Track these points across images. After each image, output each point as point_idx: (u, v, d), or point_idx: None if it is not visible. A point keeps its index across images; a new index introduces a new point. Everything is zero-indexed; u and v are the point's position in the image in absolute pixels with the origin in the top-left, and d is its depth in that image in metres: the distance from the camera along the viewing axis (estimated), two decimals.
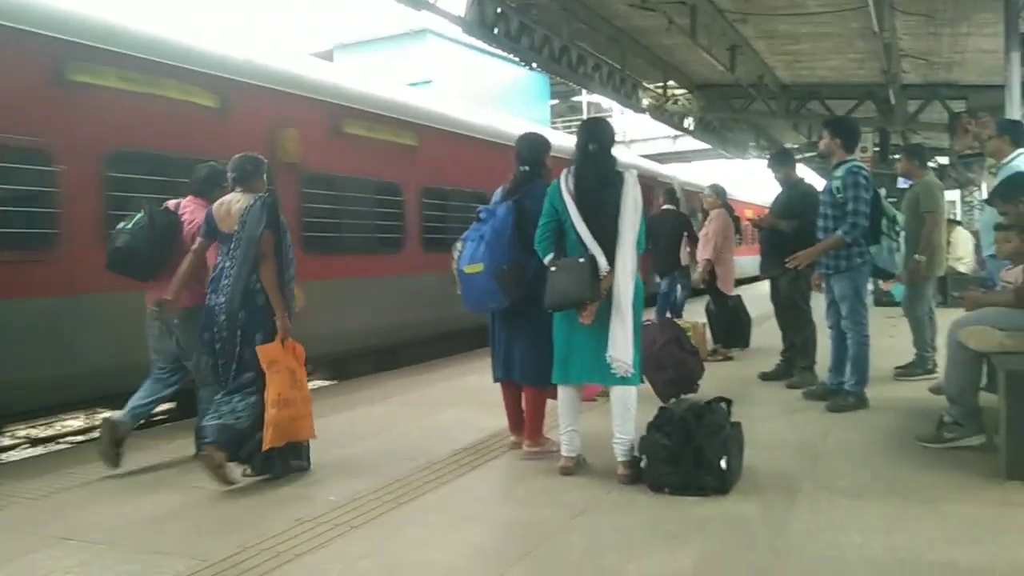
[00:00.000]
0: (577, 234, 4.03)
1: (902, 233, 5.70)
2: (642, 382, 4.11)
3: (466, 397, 6.56)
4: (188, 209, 4.92)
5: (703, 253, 8.46)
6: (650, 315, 7.96)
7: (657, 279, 9.39)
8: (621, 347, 3.91)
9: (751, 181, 30.31)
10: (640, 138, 33.65)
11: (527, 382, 4.55)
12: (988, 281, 5.91)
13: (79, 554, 3.38)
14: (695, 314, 8.84)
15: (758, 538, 3.21)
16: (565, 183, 4.11)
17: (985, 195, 16.76)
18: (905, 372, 6.62)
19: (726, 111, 16.49)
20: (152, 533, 3.61)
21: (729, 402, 4.17)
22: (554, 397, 4.41)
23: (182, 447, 5.22)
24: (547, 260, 4.12)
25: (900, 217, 5.76)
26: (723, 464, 3.75)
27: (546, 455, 4.54)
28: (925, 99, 14.68)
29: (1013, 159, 5.79)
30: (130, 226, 4.74)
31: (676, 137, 31.67)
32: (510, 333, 4.58)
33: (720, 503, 3.65)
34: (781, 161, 7.11)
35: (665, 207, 9.21)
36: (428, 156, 9.65)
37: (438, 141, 9.93)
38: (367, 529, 3.51)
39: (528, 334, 4.49)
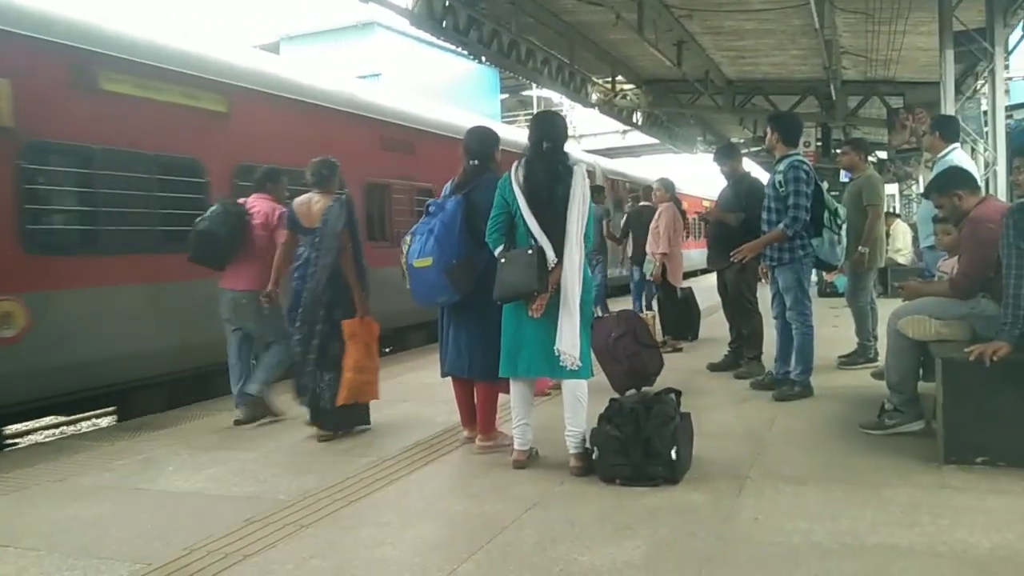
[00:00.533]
0: (527, 226, 4.03)
1: (844, 226, 5.84)
2: (592, 375, 4.12)
3: (417, 393, 6.52)
4: (255, 205, 5.76)
5: (655, 247, 8.55)
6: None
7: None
8: (568, 340, 3.93)
9: (699, 176, 30.77)
10: (589, 133, 33.91)
11: (478, 377, 4.54)
12: (926, 272, 6.10)
13: (16, 561, 3.26)
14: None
15: (706, 526, 3.25)
16: (515, 175, 4.10)
17: (922, 189, 17.30)
18: (848, 361, 6.80)
19: (673, 106, 16.71)
20: (93, 537, 3.50)
21: (679, 393, 4.23)
22: (506, 391, 4.41)
23: (122, 450, 5.09)
24: (497, 252, 4.11)
25: (842, 210, 5.89)
26: (673, 454, 3.79)
27: (499, 448, 4.54)
28: (864, 95, 15.08)
29: (947, 154, 5.99)
30: (207, 215, 5.64)
31: (625, 132, 32.04)
32: (459, 327, 4.56)
33: (670, 493, 3.69)
34: (727, 155, 7.22)
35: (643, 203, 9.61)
36: (245, 126, 7.68)
37: (261, 107, 7.92)
38: (318, 528, 3.47)
39: (478, 328, 4.48)
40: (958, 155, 6.07)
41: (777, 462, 4.12)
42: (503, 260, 4.03)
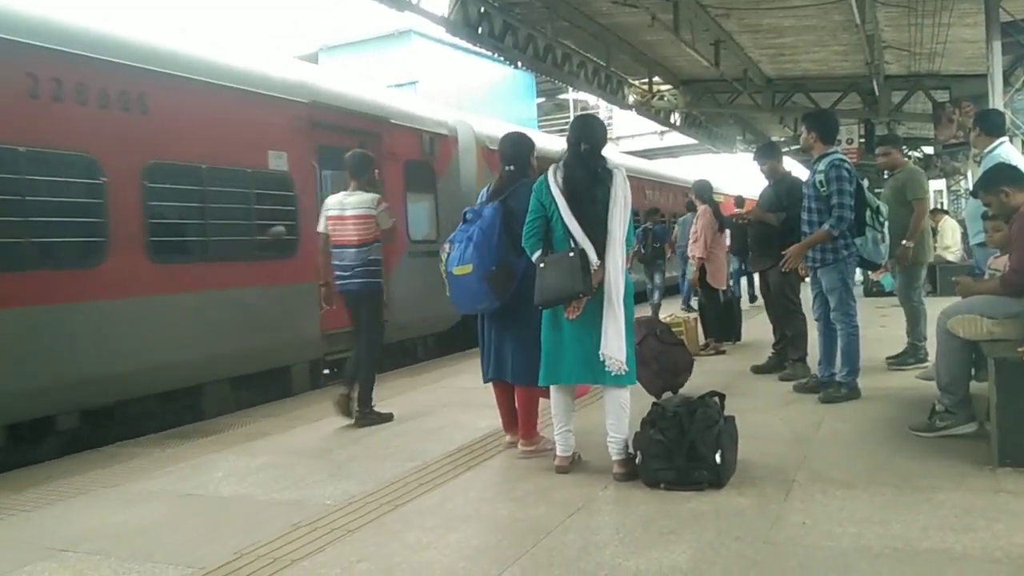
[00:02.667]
0: (565, 229, 4.03)
1: (885, 223, 5.74)
2: (636, 380, 4.10)
3: (459, 398, 6.56)
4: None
5: (694, 251, 8.49)
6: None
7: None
8: (614, 344, 3.92)
9: (738, 176, 30.42)
10: (627, 134, 33.72)
11: (519, 382, 4.55)
12: (976, 269, 5.95)
13: (76, 565, 3.36)
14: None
15: (753, 530, 3.22)
16: (553, 178, 4.11)
17: (971, 185, 16.88)
18: (898, 362, 6.66)
19: (712, 106, 16.56)
20: (147, 542, 3.59)
21: (722, 396, 4.19)
22: (547, 395, 4.42)
23: (173, 457, 5.20)
24: (535, 257, 4.12)
25: (883, 208, 5.80)
26: (717, 458, 3.76)
27: (541, 453, 4.55)
28: (908, 90, 14.78)
29: (994, 148, 5.85)
30: None
31: (663, 133, 31.78)
32: (500, 333, 4.58)
33: (715, 497, 3.66)
34: (767, 154, 7.14)
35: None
36: (158, 117, 6.41)
37: (177, 95, 6.63)
38: (364, 532, 3.51)
39: (518, 333, 4.49)
40: (1006, 149, 5.92)
41: (824, 465, 4.06)
42: (543, 264, 4.03)
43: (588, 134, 4.17)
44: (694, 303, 10.43)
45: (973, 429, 4.34)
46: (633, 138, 34.14)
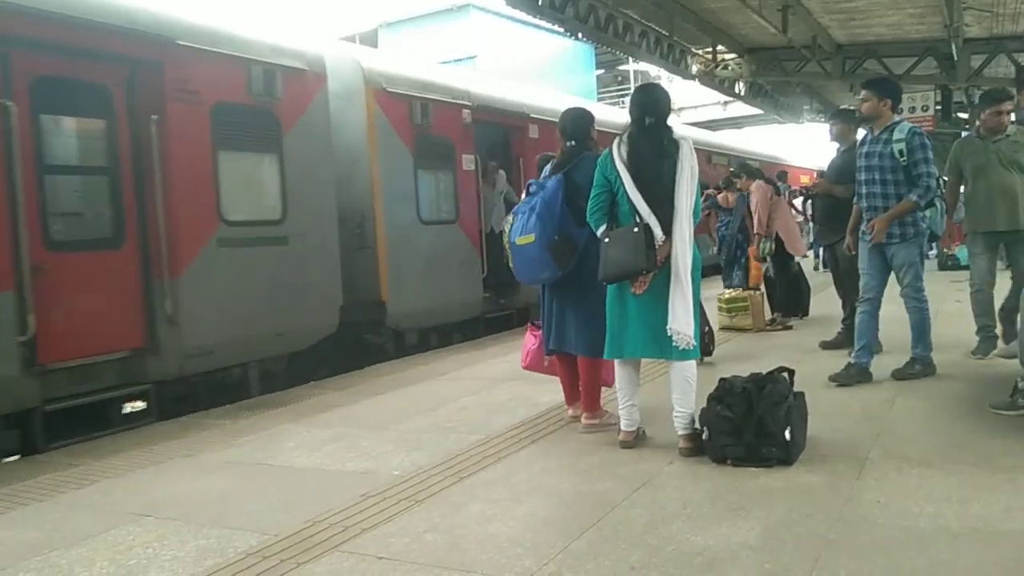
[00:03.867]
0: (630, 203, 3.98)
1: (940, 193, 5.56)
2: (700, 355, 4.04)
3: (522, 374, 6.52)
4: None
5: (757, 228, 8.31)
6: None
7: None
8: (682, 319, 3.86)
9: (806, 144, 29.61)
10: (689, 105, 33.06)
11: (582, 353, 4.54)
12: None
13: (157, 529, 3.50)
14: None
15: (825, 508, 3.15)
16: (617, 152, 4.05)
17: None
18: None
19: (778, 74, 16.05)
20: (223, 509, 3.72)
21: (791, 372, 4.10)
22: (611, 368, 4.40)
23: (244, 428, 5.35)
24: (600, 231, 4.08)
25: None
26: (787, 435, 3.69)
27: (605, 428, 4.54)
28: (989, 53, 14.05)
29: None
30: None
31: (727, 103, 31.08)
32: (562, 304, 4.59)
33: (784, 474, 3.60)
34: (843, 117, 6.89)
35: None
36: None
37: None
38: (431, 504, 3.56)
39: (581, 305, 4.49)
40: None
41: (898, 443, 3.95)
42: (607, 240, 4.00)
43: (652, 105, 4.09)
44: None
45: None
46: (696, 108, 33.46)
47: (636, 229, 3.90)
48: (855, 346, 5.36)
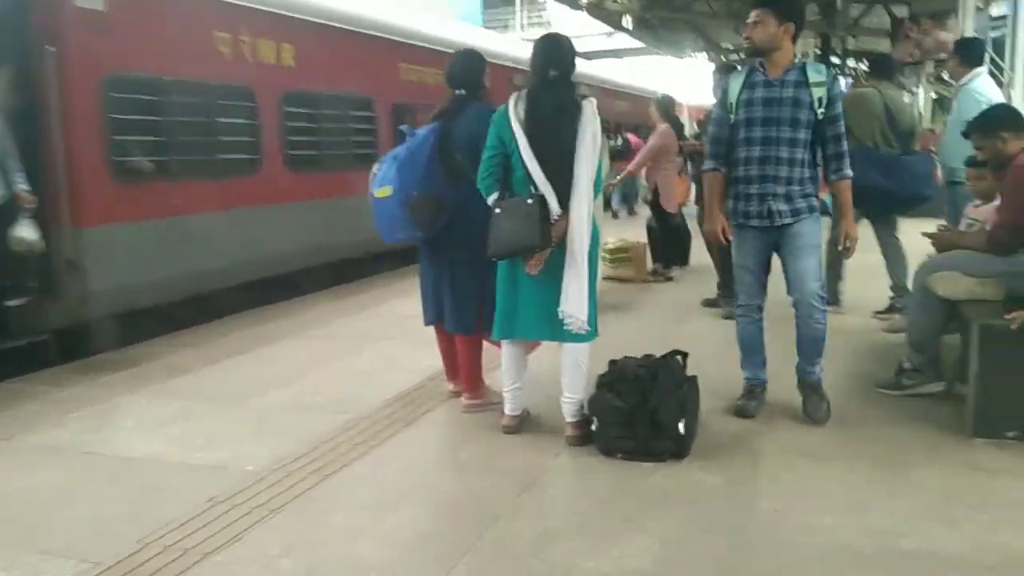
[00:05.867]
0: (526, 171, 3.54)
1: None
2: (597, 336, 3.72)
3: (396, 329, 6.12)
4: None
5: (631, 167, 8.11)
6: None
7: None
8: (575, 301, 3.51)
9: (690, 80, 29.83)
10: (574, 35, 32.49)
11: (453, 331, 4.16)
12: (949, 205, 5.57)
13: None
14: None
15: (722, 519, 2.93)
16: (514, 110, 3.58)
17: (921, 103, 16.69)
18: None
19: (667, 10, 15.79)
20: (38, 523, 3.12)
21: (685, 355, 3.86)
22: (491, 341, 4.03)
23: (76, 398, 4.66)
24: (491, 200, 3.63)
25: None
26: (681, 427, 3.45)
27: (487, 407, 4.19)
28: (868, 3, 14.29)
29: (970, 80, 5.53)
30: None
31: (611, 34, 30.73)
32: (439, 275, 4.15)
33: (678, 471, 3.36)
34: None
35: None
36: None
37: None
38: (288, 513, 3.10)
39: (458, 278, 4.07)
40: (982, 82, 5.59)
41: (791, 430, 3.79)
42: (498, 210, 3.55)
43: (557, 58, 3.61)
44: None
45: (941, 389, 4.14)
46: (580, 38, 32.94)
47: (531, 200, 3.47)
48: (744, 367, 4.07)
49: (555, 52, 3.63)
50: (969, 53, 5.73)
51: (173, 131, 6.66)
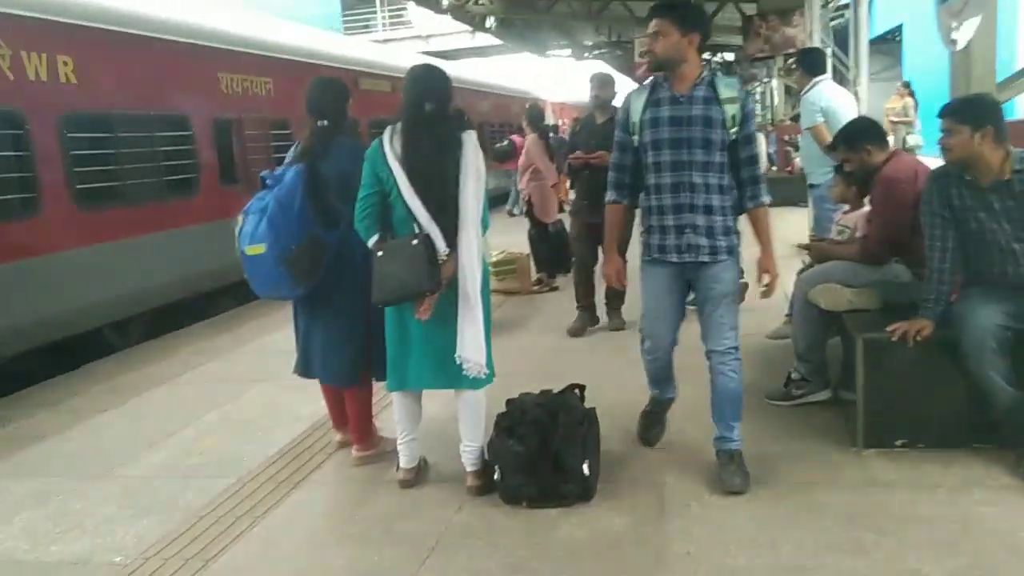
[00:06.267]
0: (408, 209, 3.31)
1: None
2: (494, 379, 3.55)
3: (273, 366, 5.72)
4: None
5: (523, 182, 8.00)
6: None
7: None
8: (472, 345, 3.32)
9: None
10: (437, 33, 32.21)
11: (329, 382, 3.92)
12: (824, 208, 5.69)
13: None
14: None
15: (639, 573, 2.83)
16: (390, 146, 3.34)
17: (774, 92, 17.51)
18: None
19: (529, 12, 15.83)
20: None
21: (582, 388, 3.76)
22: (379, 378, 3.80)
23: None
24: (371, 243, 3.38)
25: None
26: (585, 469, 3.34)
27: (380, 457, 3.95)
28: (720, 1, 14.82)
29: (811, 88, 5.82)
30: None
31: (474, 32, 30.68)
32: (312, 324, 3.87)
33: (585, 517, 3.24)
34: (608, 84, 6.46)
35: None
36: None
37: None
38: None
39: (335, 325, 3.81)
40: (819, 89, 5.84)
41: (689, 457, 3.73)
42: (380, 253, 3.31)
43: (431, 90, 3.40)
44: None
45: (828, 396, 4.23)
46: (443, 36, 32.68)
47: (416, 242, 3.26)
48: (652, 387, 3.78)
49: (429, 84, 3.43)
50: (809, 63, 6.09)
51: None
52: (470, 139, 3.37)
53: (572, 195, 6.81)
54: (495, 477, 3.43)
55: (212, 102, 8.55)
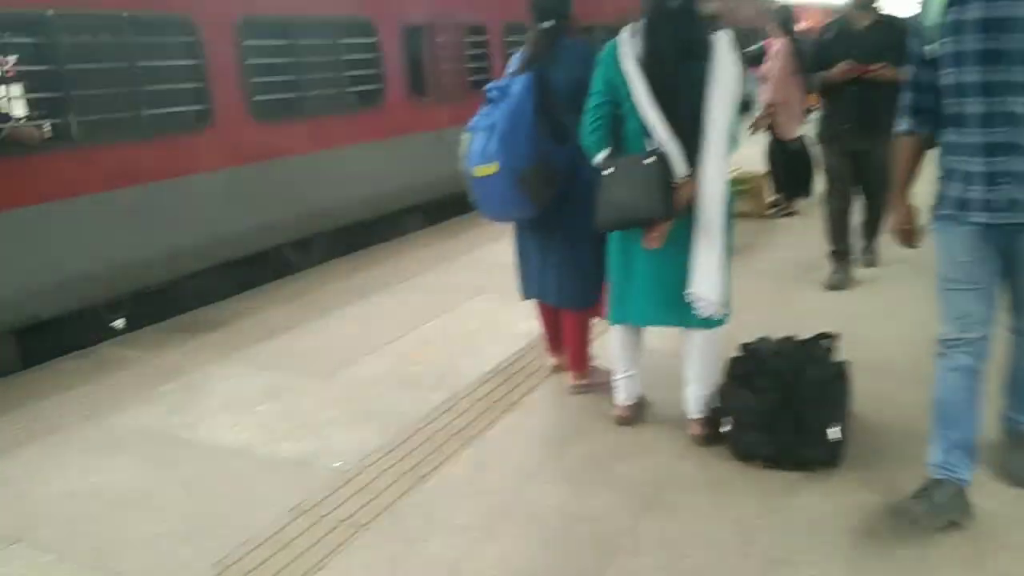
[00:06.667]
0: (642, 123, 2.92)
1: None
2: (730, 318, 3.14)
3: (492, 278, 5.65)
4: None
5: (765, 95, 7.18)
6: None
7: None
8: (708, 281, 2.93)
9: None
10: None
11: (568, 306, 3.64)
12: None
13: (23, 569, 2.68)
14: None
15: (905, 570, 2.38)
16: (628, 48, 2.94)
17: None
18: None
19: None
20: (108, 537, 2.87)
21: (833, 338, 3.25)
22: (599, 314, 3.53)
23: (169, 366, 4.44)
24: (599, 158, 3.05)
25: None
26: (830, 434, 2.87)
27: (597, 387, 3.71)
28: None
29: None
30: None
31: None
32: (542, 245, 3.60)
33: (831, 486, 2.81)
34: None
35: None
36: None
37: None
38: (376, 532, 2.75)
39: (565, 248, 3.52)
40: None
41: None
42: (608, 172, 2.97)
43: None
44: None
45: None
46: None
47: (649, 160, 2.87)
48: (934, 443, 2.63)
49: None
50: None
51: None
52: (724, 39, 2.87)
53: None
54: (725, 429, 3.06)
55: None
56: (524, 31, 3.80)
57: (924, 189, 2.66)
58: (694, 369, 3.15)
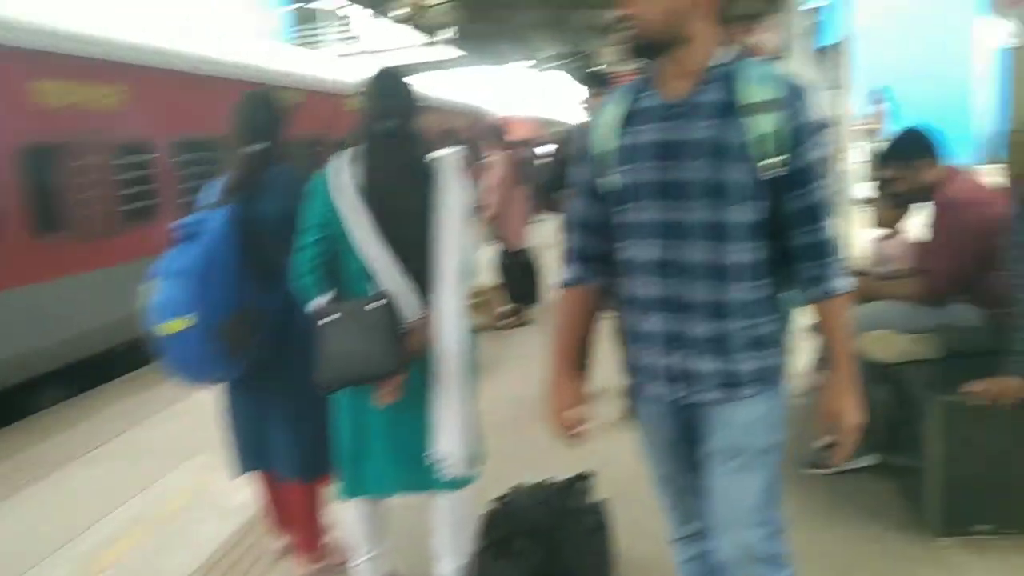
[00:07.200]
0: (365, 261, 2.51)
1: None
2: (481, 472, 2.75)
3: (202, 444, 4.70)
4: None
5: (487, 202, 7.25)
6: None
7: None
8: (451, 438, 2.52)
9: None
10: (389, 48, 31.31)
11: (295, 476, 3.04)
12: None
13: None
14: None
15: None
16: (343, 176, 2.53)
17: None
18: None
19: (492, 23, 15.12)
20: None
21: (588, 478, 2.97)
22: (329, 482, 2.99)
23: None
24: (314, 304, 2.56)
25: None
26: None
27: (333, 569, 3.12)
28: None
29: None
30: None
31: (433, 44, 29.82)
32: (259, 410, 2.99)
33: None
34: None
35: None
36: None
37: None
38: None
39: (286, 408, 2.95)
40: None
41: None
42: (328, 319, 2.49)
43: (396, 102, 2.60)
44: None
45: (876, 460, 3.52)
46: (397, 51, 31.79)
47: (373, 305, 2.45)
48: None
49: (391, 94, 2.60)
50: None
51: None
52: (451, 162, 2.58)
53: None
54: None
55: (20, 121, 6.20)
56: (206, 148, 3.24)
57: None
58: (444, 542, 2.71)
